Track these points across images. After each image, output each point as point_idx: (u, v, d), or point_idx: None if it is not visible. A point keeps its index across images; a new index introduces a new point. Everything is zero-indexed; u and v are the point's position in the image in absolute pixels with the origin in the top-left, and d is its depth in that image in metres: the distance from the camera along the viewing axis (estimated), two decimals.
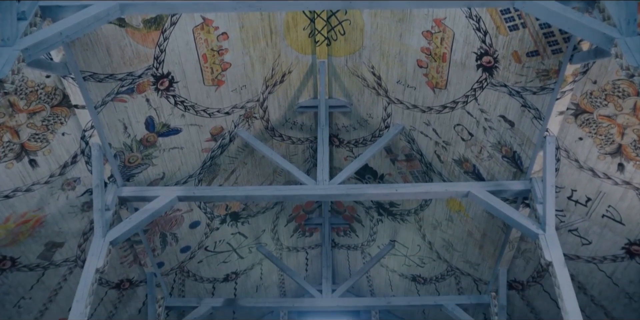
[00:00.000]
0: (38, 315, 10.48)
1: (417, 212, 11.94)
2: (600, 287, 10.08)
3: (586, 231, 9.31)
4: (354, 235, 13.81)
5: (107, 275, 10.96)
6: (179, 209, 10.86)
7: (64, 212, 9.23)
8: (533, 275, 11.07)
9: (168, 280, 12.18)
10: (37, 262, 9.63)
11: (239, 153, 10.92)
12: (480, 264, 11.77)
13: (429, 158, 10.71)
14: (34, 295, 10.11)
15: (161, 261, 11.59)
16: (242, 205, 11.90)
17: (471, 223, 11.03)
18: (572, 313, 7.82)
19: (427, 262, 12.83)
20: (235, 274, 13.35)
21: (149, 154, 9.59)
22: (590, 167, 8.37)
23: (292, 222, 13.30)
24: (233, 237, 12.43)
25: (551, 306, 11.29)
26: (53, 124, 8.10)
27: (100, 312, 11.55)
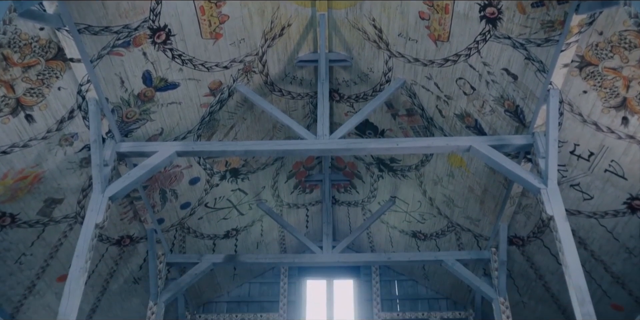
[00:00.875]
0: (40, 271, 10.51)
1: (418, 168, 11.88)
2: (600, 242, 10.09)
3: (588, 186, 9.26)
4: (354, 192, 13.78)
5: (108, 232, 10.97)
6: (178, 165, 10.79)
7: (62, 168, 9.16)
8: (533, 231, 11.07)
9: (168, 236, 12.20)
10: (37, 219, 9.61)
11: (238, 108, 10.79)
12: (480, 219, 11.76)
13: (431, 113, 10.59)
14: (34, 252, 10.13)
15: (161, 217, 11.58)
16: (242, 161, 11.83)
17: (472, 178, 10.98)
18: (573, 267, 7.81)
19: (427, 218, 12.83)
20: (236, 231, 13.37)
21: (147, 109, 9.47)
22: (593, 121, 8.27)
23: (293, 178, 13.25)
24: (233, 193, 12.39)
25: (551, 261, 11.33)
26: (48, 78, 7.96)
27: (102, 269, 11.60)
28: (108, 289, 12.15)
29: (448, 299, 14.44)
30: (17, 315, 10.97)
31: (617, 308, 11.02)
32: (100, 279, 11.82)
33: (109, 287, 12.12)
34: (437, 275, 14.09)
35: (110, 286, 12.13)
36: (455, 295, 14.25)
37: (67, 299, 7.77)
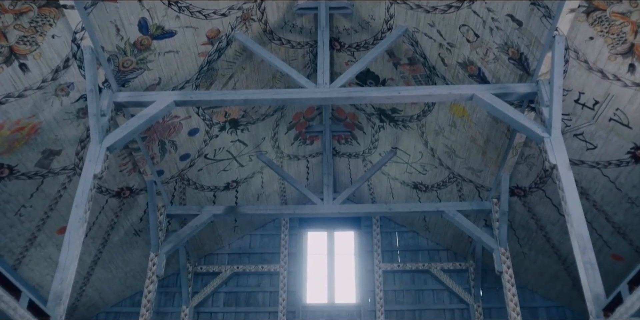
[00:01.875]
0: (40, 223, 10.51)
1: (419, 118, 11.74)
2: (602, 192, 10.04)
3: (592, 135, 9.15)
4: (355, 143, 13.68)
5: (107, 184, 10.91)
6: (177, 115, 10.66)
7: (59, 119, 9.04)
8: (535, 181, 11.01)
9: (168, 188, 12.15)
10: (35, 170, 9.54)
11: (236, 57, 10.59)
12: (482, 170, 11.69)
13: (433, 61, 10.39)
14: (34, 204, 10.10)
15: (161, 169, 11.51)
16: (242, 112, 11.69)
17: (474, 128, 10.86)
18: (575, 216, 7.76)
19: (429, 169, 12.75)
20: (236, 182, 13.31)
21: (144, 58, 9.28)
22: (599, 68, 8.10)
23: (293, 129, 13.12)
24: (233, 144, 12.29)
25: (552, 212, 11.31)
26: (42, 25, 7.76)
27: (102, 221, 11.60)
28: (109, 240, 12.18)
29: (448, 250, 14.49)
30: (19, 266, 11.02)
31: (618, 258, 11.05)
32: (101, 230, 11.83)
33: (109, 239, 12.14)
34: (437, 227, 14.11)
35: (111, 238, 12.15)
36: (455, 247, 14.30)
37: (66, 249, 7.75)
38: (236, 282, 14.28)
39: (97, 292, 13.22)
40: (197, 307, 13.84)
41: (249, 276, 14.35)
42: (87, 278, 12.63)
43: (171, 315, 13.83)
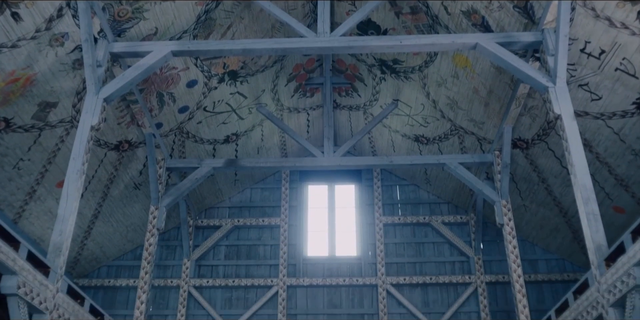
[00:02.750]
0: (39, 177, 10.44)
1: (421, 69, 11.54)
2: (606, 144, 9.94)
3: (597, 86, 8.99)
4: (356, 95, 13.50)
5: (105, 137, 10.80)
6: (175, 67, 10.47)
7: (55, 70, 8.87)
8: (538, 133, 10.90)
9: (167, 141, 12.04)
10: (32, 123, 9.42)
11: (234, 6, 10.33)
12: (485, 122, 11.55)
13: (436, 10, 10.13)
14: (32, 157, 10.01)
15: (159, 122, 11.38)
16: (241, 63, 11.49)
17: (477, 79, 10.67)
18: (579, 166, 7.68)
19: (430, 121, 12.61)
20: (236, 136, 13.19)
21: (140, 7, 9.04)
22: (607, 16, 7.87)
23: (293, 81, 12.93)
24: (232, 97, 12.12)
25: (555, 164, 11.23)
26: None
27: (101, 174, 11.53)
28: (109, 194, 12.13)
29: (449, 203, 14.47)
30: (20, 220, 11.00)
31: (619, 211, 11.01)
32: (101, 184, 11.77)
33: (109, 192, 12.09)
34: (438, 180, 14.05)
35: (111, 192, 12.11)
36: (456, 200, 14.27)
37: (65, 201, 7.69)
38: (237, 235, 14.31)
39: (98, 246, 13.25)
40: (198, 261, 13.91)
41: (250, 229, 14.38)
42: (87, 232, 12.63)
43: (172, 268, 13.90)
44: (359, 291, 13.53)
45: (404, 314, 13.17)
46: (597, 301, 7.10)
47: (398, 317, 13.14)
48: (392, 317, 13.10)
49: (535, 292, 13.15)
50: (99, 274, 13.89)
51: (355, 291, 13.54)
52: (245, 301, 13.47)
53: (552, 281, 13.29)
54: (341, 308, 13.34)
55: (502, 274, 13.34)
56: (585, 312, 7.48)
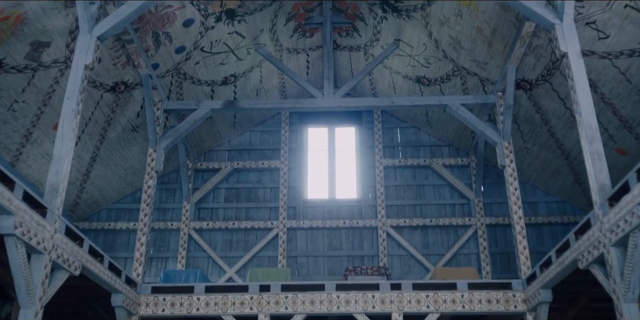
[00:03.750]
0: (34, 119, 10.30)
1: (424, 8, 11.22)
2: (612, 84, 9.76)
3: (605, 24, 8.74)
4: (356, 35, 13.18)
5: (101, 78, 10.60)
6: (170, 5, 10.17)
7: (46, 8, 8.60)
8: (542, 74, 10.69)
9: (165, 82, 11.83)
10: (25, 64, 9.21)
11: None
12: (488, 62, 11.32)
13: None
14: (27, 99, 9.84)
15: (156, 63, 11.14)
16: (238, 1, 11.15)
17: (481, 18, 10.38)
18: (584, 105, 7.52)
19: (432, 62, 12.36)
20: (234, 77, 12.96)
21: None
22: None
23: (292, 21, 12.59)
24: (230, 37, 11.83)
25: (558, 106, 11.06)
26: None
27: (98, 116, 11.38)
28: (106, 137, 12.00)
29: (450, 145, 14.35)
30: (17, 164, 10.90)
31: (622, 153, 10.90)
32: (98, 127, 11.63)
33: (107, 135, 11.96)
34: (440, 122, 13.89)
35: (108, 134, 11.97)
36: (457, 142, 14.15)
37: (60, 141, 7.55)
38: (236, 178, 14.26)
39: (98, 189, 13.20)
40: (197, 203, 13.89)
41: (250, 172, 14.31)
42: (86, 175, 12.56)
43: (172, 211, 13.90)
44: (359, 233, 13.57)
45: (404, 256, 13.24)
46: (598, 241, 7.06)
47: (398, 259, 13.21)
48: (392, 258, 13.16)
49: (535, 235, 13.19)
50: (99, 217, 13.90)
51: (355, 233, 13.57)
52: (246, 243, 13.52)
53: (552, 223, 13.31)
54: (341, 250, 13.40)
55: (502, 216, 13.35)
56: (586, 252, 7.45)
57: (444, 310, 9.84)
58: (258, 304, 9.93)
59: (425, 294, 9.94)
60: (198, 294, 10.08)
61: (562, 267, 8.27)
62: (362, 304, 9.89)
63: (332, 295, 9.96)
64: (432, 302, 9.87)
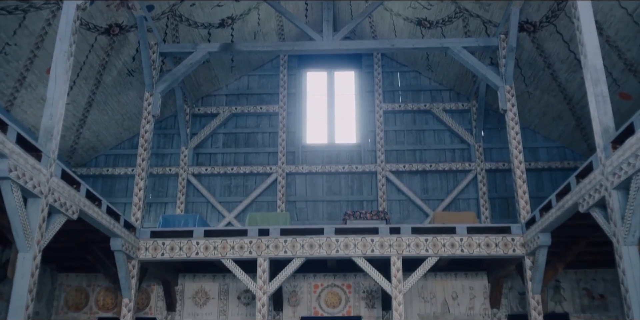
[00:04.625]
0: (27, 62, 10.13)
1: None
2: (618, 26, 9.56)
3: None
4: None
5: (95, 20, 10.36)
6: None
7: None
8: (547, 15, 10.44)
9: (160, 25, 11.57)
10: (15, 4, 8.98)
11: None
12: (491, 4, 11.04)
13: None
14: (19, 42, 9.63)
15: (150, 4, 10.87)
16: None
17: None
18: (590, 46, 7.35)
19: (434, 4, 12.05)
20: (231, 19, 12.66)
21: None
22: None
23: None
24: None
25: (562, 49, 10.87)
26: None
27: (93, 60, 11.18)
28: (102, 81, 11.82)
29: (451, 90, 14.15)
30: (12, 108, 10.76)
31: (626, 97, 10.76)
32: (93, 71, 11.44)
33: (102, 79, 11.78)
34: (440, 66, 13.66)
35: (103, 79, 11.79)
36: (458, 87, 13.95)
37: (54, 84, 7.42)
38: (235, 123, 14.11)
39: (95, 134, 13.08)
40: (196, 149, 13.79)
41: (248, 117, 14.15)
42: (82, 120, 12.43)
43: (170, 156, 13.82)
44: (358, 178, 13.52)
45: (403, 201, 13.22)
46: (600, 184, 7.00)
47: (397, 204, 13.20)
48: (391, 203, 13.15)
49: (535, 180, 13.14)
50: (97, 163, 13.83)
51: (354, 178, 13.53)
52: (245, 188, 13.48)
53: (552, 169, 13.25)
54: (340, 195, 13.37)
55: (502, 162, 13.28)
56: (587, 196, 7.40)
57: (442, 254, 9.87)
58: (257, 248, 9.95)
59: (424, 238, 9.95)
60: (197, 238, 10.09)
61: (562, 211, 8.24)
62: (361, 247, 9.91)
63: (331, 239, 9.98)
64: (431, 246, 9.89)
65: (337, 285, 12.10)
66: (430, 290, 11.98)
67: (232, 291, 12.07)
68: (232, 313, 11.94)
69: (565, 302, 11.91)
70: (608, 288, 11.95)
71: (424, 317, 11.80)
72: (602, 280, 12.04)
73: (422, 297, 11.94)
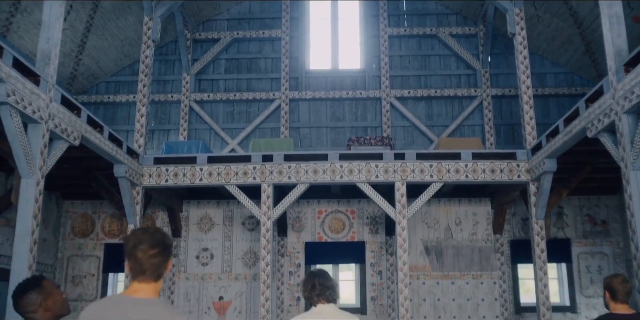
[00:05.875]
0: None
1: None
2: None
3: None
4: None
5: None
6: None
7: None
8: None
9: None
10: None
11: None
12: None
13: None
14: None
15: None
16: None
17: None
18: None
19: None
20: None
21: None
22: None
23: None
24: None
25: None
26: None
27: None
28: (100, 6, 11.53)
29: (458, 14, 13.77)
30: (8, 34, 10.52)
31: (639, 21, 10.45)
32: None
33: (99, 3, 11.46)
34: None
35: (101, 3, 11.47)
36: (465, 10, 13.57)
37: (49, 6, 7.21)
38: (237, 48, 13.82)
39: (94, 61, 12.85)
40: (197, 75, 13.56)
41: (250, 42, 13.85)
42: (81, 46, 12.18)
43: (172, 83, 13.62)
44: (363, 104, 13.35)
45: (408, 127, 13.11)
46: (610, 108, 6.87)
47: (401, 130, 13.09)
48: (396, 129, 13.04)
49: (541, 107, 12.95)
50: (98, 90, 13.65)
51: (358, 104, 13.36)
52: (247, 115, 13.35)
53: (559, 95, 13.07)
54: (344, 121, 13.24)
55: (509, 87, 13.07)
56: (596, 120, 7.28)
57: (447, 179, 9.85)
58: (261, 173, 9.92)
59: (428, 163, 9.90)
60: (201, 165, 10.06)
61: (570, 136, 8.14)
62: (366, 173, 9.88)
63: (336, 165, 9.94)
64: (435, 171, 9.85)
65: (341, 211, 12.18)
66: (434, 216, 12.06)
67: (236, 217, 12.16)
68: (236, 239, 12.07)
69: (567, 228, 12.01)
70: (610, 214, 12.02)
71: (427, 242, 11.92)
72: (604, 207, 12.09)
73: (426, 222, 12.03)
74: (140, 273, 2.73)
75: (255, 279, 11.76)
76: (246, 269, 11.94)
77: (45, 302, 3.16)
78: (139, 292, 2.73)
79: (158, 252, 2.72)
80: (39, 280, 3.22)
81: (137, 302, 2.69)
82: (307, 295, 3.99)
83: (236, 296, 11.83)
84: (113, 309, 2.68)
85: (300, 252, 12.00)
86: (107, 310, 2.68)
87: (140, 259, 2.71)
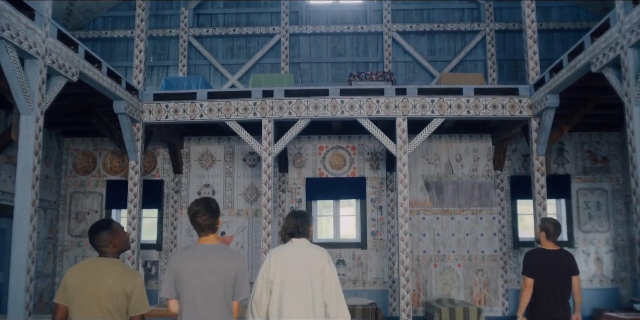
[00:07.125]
0: None
1: None
2: None
3: None
4: None
5: None
6: None
7: None
8: None
9: None
10: None
11: None
12: None
13: None
14: None
15: None
16: None
17: None
18: None
19: None
20: None
21: None
22: None
23: None
24: None
25: None
26: None
27: None
28: None
29: None
30: None
31: None
32: None
33: None
34: None
35: None
36: None
37: None
38: None
39: None
40: (196, 9, 13.29)
41: None
42: None
43: (170, 18, 13.36)
44: (364, 39, 13.14)
45: (409, 62, 12.94)
46: (616, 42, 6.75)
47: (403, 65, 12.93)
48: (397, 65, 12.89)
49: (545, 41, 12.74)
50: (95, 25, 13.42)
51: (359, 39, 13.15)
52: (247, 50, 13.16)
53: (563, 30, 12.84)
54: (345, 56, 13.07)
55: (513, 22, 12.80)
56: (601, 55, 7.18)
57: (448, 115, 9.80)
58: (262, 109, 9.87)
59: (430, 99, 9.84)
60: (201, 100, 10.00)
61: (574, 71, 8.05)
62: (367, 108, 9.83)
63: (336, 100, 9.87)
64: (437, 107, 9.79)
65: (341, 147, 12.18)
66: (435, 152, 12.07)
67: (237, 153, 12.18)
68: (237, 175, 12.12)
69: (567, 164, 12.03)
70: (611, 151, 12.02)
71: (428, 178, 11.97)
72: (605, 143, 12.08)
73: (427, 158, 12.05)
74: (201, 231, 4.08)
75: (256, 215, 11.88)
76: (247, 205, 12.05)
77: (114, 240, 3.95)
78: (207, 241, 4.10)
79: (209, 216, 4.05)
80: (109, 222, 4.02)
81: (209, 247, 4.06)
82: (283, 235, 4.83)
83: (238, 231, 11.98)
84: (198, 252, 4.01)
85: (301, 187, 12.07)
86: (195, 253, 4.01)
87: (199, 223, 4.05)
